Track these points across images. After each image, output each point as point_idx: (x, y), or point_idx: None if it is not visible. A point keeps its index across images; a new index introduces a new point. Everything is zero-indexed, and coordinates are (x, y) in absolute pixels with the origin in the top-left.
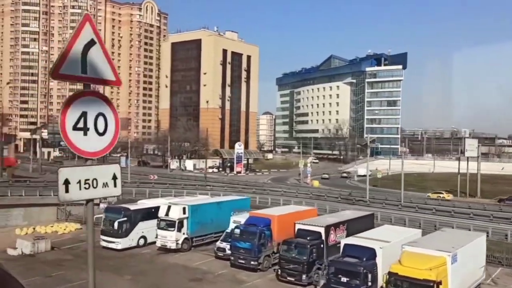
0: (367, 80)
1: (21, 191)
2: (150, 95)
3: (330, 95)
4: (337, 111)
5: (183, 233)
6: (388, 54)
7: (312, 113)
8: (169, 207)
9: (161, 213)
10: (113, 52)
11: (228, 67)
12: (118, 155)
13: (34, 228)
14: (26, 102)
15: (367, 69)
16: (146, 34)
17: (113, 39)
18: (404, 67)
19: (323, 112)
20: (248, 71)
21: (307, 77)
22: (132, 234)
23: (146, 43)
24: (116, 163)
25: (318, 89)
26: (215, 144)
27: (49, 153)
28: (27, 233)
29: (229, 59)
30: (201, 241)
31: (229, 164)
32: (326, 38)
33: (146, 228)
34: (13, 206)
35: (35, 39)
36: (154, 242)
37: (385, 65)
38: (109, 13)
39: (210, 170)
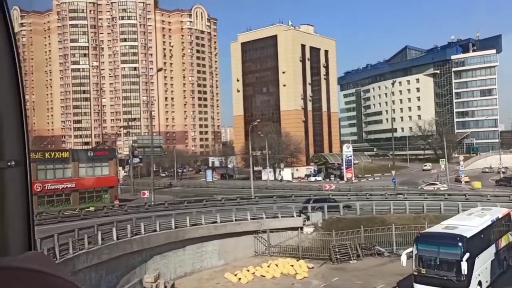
0: (453, 69)
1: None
2: (205, 105)
3: (408, 90)
4: (418, 107)
5: None
6: (477, 38)
7: (386, 111)
8: None
9: None
10: (165, 63)
11: (308, 64)
12: (184, 170)
13: (248, 270)
14: (79, 121)
15: (453, 57)
16: (197, 41)
17: (164, 48)
18: (499, 51)
19: (401, 109)
20: (326, 67)
21: (375, 73)
22: (473, 280)
23: (198, 51)
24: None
25: (392, 84)
26: (301, 149)
27: (117, 172)
28: (248, 281)
29: (308, 55)
30: None
31: (333, 170)
32: (387, 32)
33: (480, 266)
34: (206, 239)
35: (84, 55)
36: None
37: (473, 51)
38: (159, 22)
39: (313, 179)
